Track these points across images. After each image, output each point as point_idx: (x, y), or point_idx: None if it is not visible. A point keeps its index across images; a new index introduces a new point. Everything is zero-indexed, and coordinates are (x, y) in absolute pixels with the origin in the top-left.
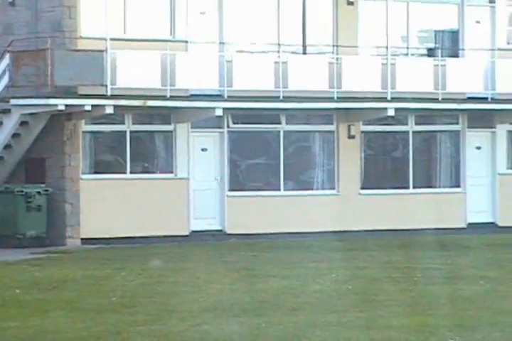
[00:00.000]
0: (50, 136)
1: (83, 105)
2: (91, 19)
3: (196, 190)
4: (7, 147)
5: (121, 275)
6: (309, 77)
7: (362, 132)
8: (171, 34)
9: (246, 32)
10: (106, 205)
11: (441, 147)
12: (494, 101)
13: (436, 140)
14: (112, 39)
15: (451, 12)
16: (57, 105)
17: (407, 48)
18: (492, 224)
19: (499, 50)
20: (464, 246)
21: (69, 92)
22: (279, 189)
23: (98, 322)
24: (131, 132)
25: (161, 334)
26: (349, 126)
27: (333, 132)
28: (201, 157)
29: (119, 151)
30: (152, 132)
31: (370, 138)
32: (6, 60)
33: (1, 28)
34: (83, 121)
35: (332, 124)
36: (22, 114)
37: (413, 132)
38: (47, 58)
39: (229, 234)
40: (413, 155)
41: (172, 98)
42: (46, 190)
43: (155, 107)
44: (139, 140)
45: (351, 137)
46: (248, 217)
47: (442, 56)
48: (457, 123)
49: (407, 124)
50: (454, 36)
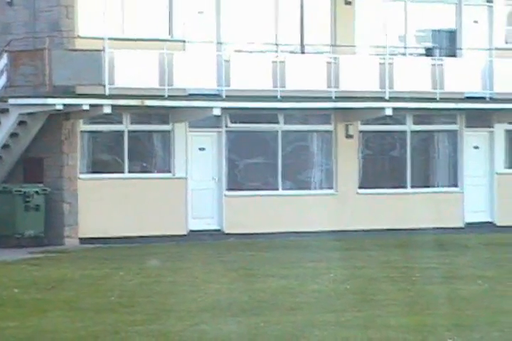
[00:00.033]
0: (48, 136)
1: (81, 105)
2: (89, 19)
3: (194, 190)
4: (5, 147)
5: (119, 274)
6: (307, 77)
7: (360, 132)
8: (169, 34)
9: (244, 31)
10: (104, 205)
11: (439, 146)
12: (492, 100)
13: (434, 139)
14: (110, 39)
15: (448, 11)
16: (55, 105)
17: (405, 48)
18: (490, 224)
19: (497, 50)
20: (462, 245)
21: (67, 92)
22: (277, 188)
23: (96, 321)
24: (129, 132)
25: (160, 333)
26: (347, 126)
27: (331, 132)
28: (199, 156)
29: (117, 151)
30: (150, 132)
31: (368, 137)
32: (4, 60)
33: None
34: (81, 121)
35: (330, 124)
36: (20, 114)
37: (411, 132)
38: (45, 58)
39: (227, 234)
40: (411, 154)
41: (170, 98)
42: (44, 190)
43: (153, 107)
44: (137, 139)
45: (349, 137)
46: (246, 217)
47: (440, 56)
48: (455, 122)
49: (405, 124)
50: (452, 36)
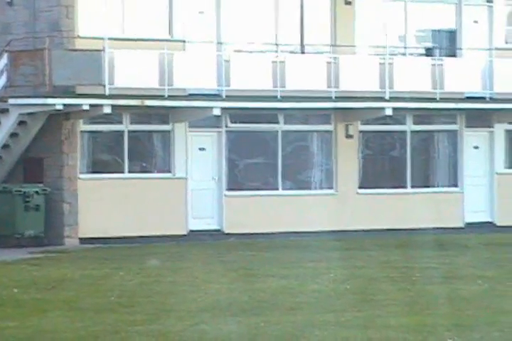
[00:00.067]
0: (48, 136)
1: (81, 105)
2: (89, 19)
3: (194, 190)
4: (5, 147)
5: (119, 274)
6: (307, 77)
7: (360, 132)
8: (169, 34)
9: (244, 31)
10: (104, 205)
11: (439, 146)
12: (492, 100)
13: (434, 139)
14: (110, 39)
15: (448, 11)
16: (55, 105)
17: (405, 48)
18: (490, 224)
19: (497, 50)
20: (462, 245)
21: (67, 92)
22: (277, 188)
23: (96, 321)
24: (129, 132)
25: (160, 333)
26: (347, 126)
27: (331, 132)
28: (199, 156)
29: (117, 151)
30: (150, 132)
31: (368, 137)
32: (4, 60)
33: None
34: (81, 121)
35: (330, 124)
36: (20, 114)
37: (411, 132)
38: (45, 58)
39: (227, 234)
40: (411, 154)
41: (170, 97)
42: (44, 190)
43: (153, 107)
44: (137, 139)
45: (349, 137)
46: (246, 217)
47: (440, 56)
48: (455, 122)
49: (405, 124)
50: (452, 36)
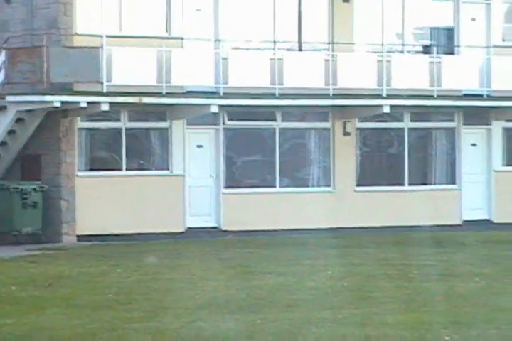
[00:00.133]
0: (46, 133)
1: (79, 102)
2: (86, 16)
3: (192, 187)
4: (3, 144)
5: (116, 272)
6: (305, 74)
7: (357, 129)
8: (167, 31)
9: (242, 29)
10: (101, 202)
11: (436, 144)
12: (490, 98)
13: (431, 137)
14: (108, 36)
15: (446, 9)
16: (52, 102)
17: (403, 45)
18: (487, 221)
19: (494, 47)
20: (460, 243)
21: (64, 89)
22: (275, 186)
23: (94, 318)
24: (126, 129)
25: (157, 330)
26: (345, 123)
27: (328, 129)
28: (197, 154)
29: (115, 148)
30: (148, 129)
31: (366, 135)
32: (2, 57)
33: None
34: (79, 118)
35: (328, 121)
36: (18, 111)
37: (409, 129)
38: (42, 55)
39: (224, 231)
40: (409, 152)
41: (168, 95)
42: (42, 187)
43: (151, 104)
44: (135, 137)
45: (347, 134)
46: (244, 214)
47: (438, 53)
48: (453, 120)
49: (403, 121)
50: (450, 33)
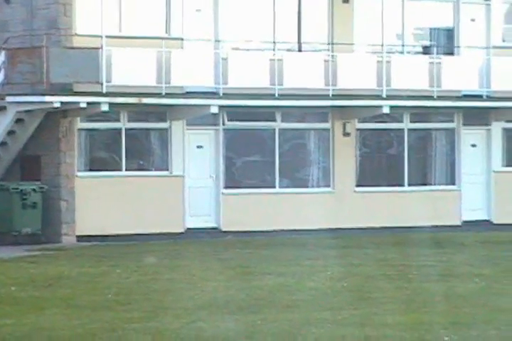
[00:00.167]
0: (46, 134)
1: (78, 102)
2: (86, 16)
3: (191, 188)
4: (2, 144)
5: (116, 272)
6: (305, 75)
7: (357, 130)
8: (167, 32)
9: (241, 29)
10: (101, 202)
11: (436, 145)
12: (489, 98)
13: (431, 137)
14: (108, 36)
15: (446, 9)
16: (52, 102)
17: (403, 46)
18: (487, 222)
19: (494, 48)
20: (459, 243)
21: (64, 90)
22: (275, 186)
23: (93, 319)
24: (126, 129)
25: (157, 331)
26: (344, 124)
27: (328, 130)
28: (196, 154)
29: (115, 149)
30: (147, 129)
31: (366, 135)
32: (2, 58)
33: None
34: (78, 119)
35: (327, 122)
36: (17, 112)
37: (408, 130)
38: (42, 55)
39: (224, 232)
40: (408, 152)
41: (167, 95)
42: (41, 188)
43: (150, 105)
44: (135, 137)
45: (346, 135)
46: (243, 215)
47: (438, 54)
48: (452, 120)
49: (403, 122)
50: (450, 34)
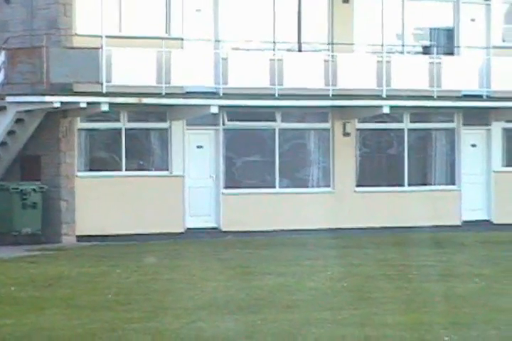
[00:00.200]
0: (46, 134)
1: (78, 102)
2: (86, 17)
3: (191, 188)
4: (2, 144)
5: (116, 272)
6: (305, 75)
7: (357, 130)
8: (167, 32)
9: (241, 29)
10: (101, 202)
11: (436, 145)
12: (489, 98)
13: (431, 137)
14: (108, 36)
15: (446, 9)
16: (52, 102)
17: (403, 46)
18: (487, 222)
19: (494, 48)
20: (459, 243)
21: (64, 90)
22: (275, 186)
23: (93, 319)
24: (126, 129)
25: (157, 331)
26: (344, 124)
27: (328, 130)
28: (196, 154)
29: (115, 149)
30: (147, 129)
31: (366, 135)
32: (2, 58)
33: None
34: (78, 119)
35: (327, 122)
36: (17, 112)
37: (408, 130)
38: (42, 55)
39: (224, 232)
40: (408, 152)
41: (167, 95)
42: (41, 188)
43: (150, 105)
44: (135, 137)
45: (346, 135)
46: (243, 215)
47: (438, 54)
48: (452, 120)
49: (403, 122)
50: (450, 34)
